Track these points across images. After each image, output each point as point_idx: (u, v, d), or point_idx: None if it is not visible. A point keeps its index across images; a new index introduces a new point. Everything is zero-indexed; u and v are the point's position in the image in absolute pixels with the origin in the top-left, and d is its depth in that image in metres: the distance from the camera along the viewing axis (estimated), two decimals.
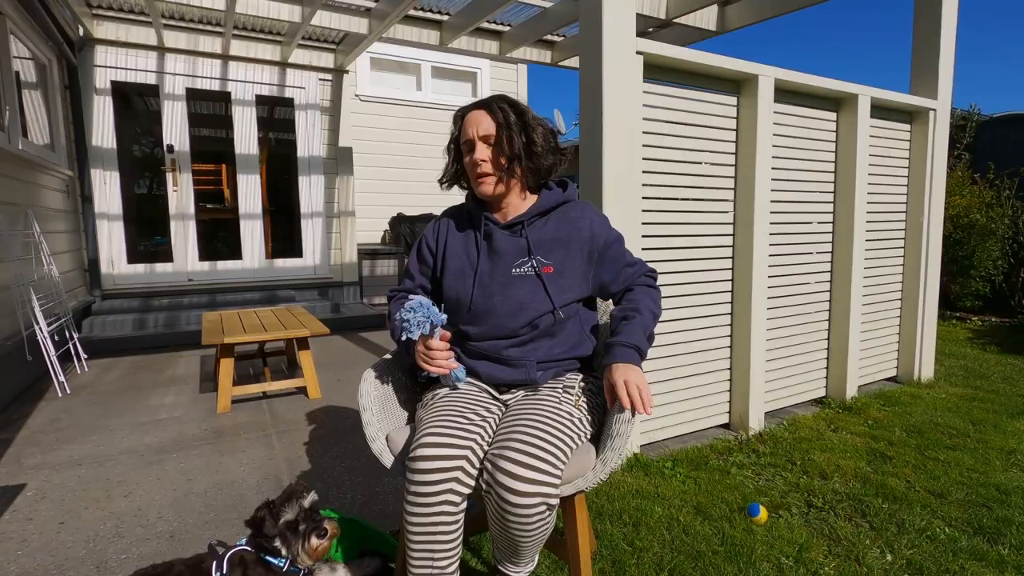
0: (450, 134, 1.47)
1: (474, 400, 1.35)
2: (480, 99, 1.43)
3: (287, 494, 1.36)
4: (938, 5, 3.23)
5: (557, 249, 1.38)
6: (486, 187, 1.39)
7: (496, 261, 1.39)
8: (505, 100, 1.40)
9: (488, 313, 1.37)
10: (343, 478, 2.16)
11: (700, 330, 2.61)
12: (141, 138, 7.48)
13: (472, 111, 1.40)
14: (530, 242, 1.38)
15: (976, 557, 1.67)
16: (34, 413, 2.92)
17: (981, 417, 2.84)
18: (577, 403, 1.32)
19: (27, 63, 3.99)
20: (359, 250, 6.25)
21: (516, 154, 1.36)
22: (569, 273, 1.38)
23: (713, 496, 2.01)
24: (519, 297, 1.35)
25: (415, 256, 1.53)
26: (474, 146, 1.38)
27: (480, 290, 1.38)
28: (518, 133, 1.36)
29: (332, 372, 3.70)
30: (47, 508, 1.94)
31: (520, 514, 1.11)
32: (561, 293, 1.36)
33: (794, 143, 2.86)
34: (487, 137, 1.36)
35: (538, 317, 1.35)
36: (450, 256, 1.45)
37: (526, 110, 1.40)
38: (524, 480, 1.10)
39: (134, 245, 5.47)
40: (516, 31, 5.31)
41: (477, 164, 1.37)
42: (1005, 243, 5.60)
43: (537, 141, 1.38)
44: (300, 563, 1.33)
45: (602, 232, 1.42)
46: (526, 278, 1.36)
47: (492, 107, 1.38)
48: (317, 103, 5.77)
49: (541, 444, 1.15)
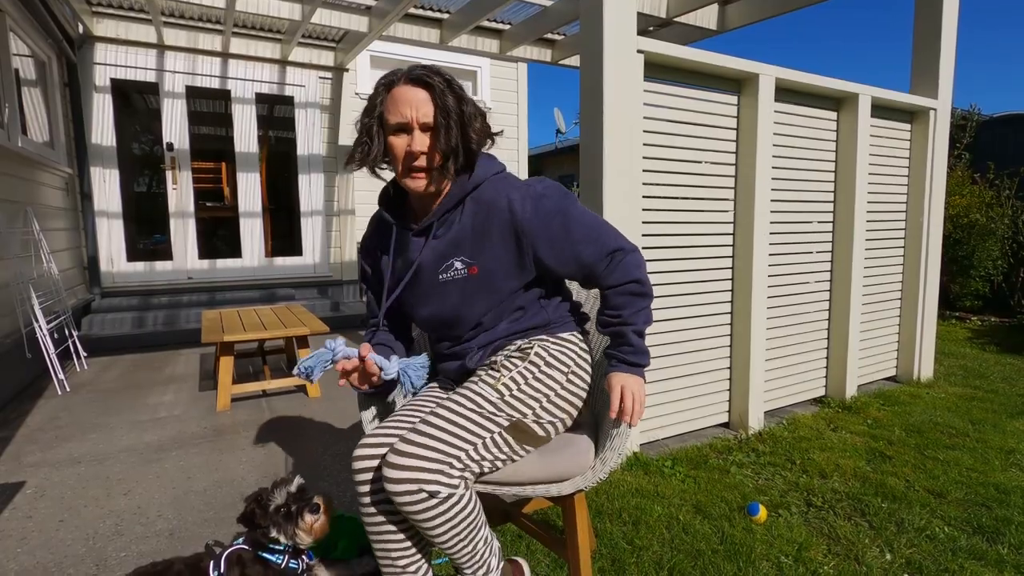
0: (370, 105, 1.20)
1: (430, 398, 1.33)
2: (411, 69, 1.17)
3: (273, 484, 1.36)
4: (939, 5, 3.22)
5: (479, 242, 1.21)
6: (418, 184, 1.19)
7: (419, 271, 1.26)
8: (441, 76, 1.17)
9: (428, 322, 1.32)
10: (342, 477, 2.16)
11: (700, 329, 2.61)
12: (141, 136, 7.46)
13: (405, 85, 1.16)
14: (446, 243, 1.23)
15: (975, 556, 1.67)
16: (33, 411, 2.92)
17: (980, 417, 2.84)
18: (500, 381, 1.19)
19: (27, 60, 3.98)
20: (359, 248, 6.24)
21: (454, 148, 1.15)
22: (499, 269, 1.21)
23: (713, 495, 2.01)
24: (452, 304, 1.25)
25: (361, 274, 1.44)
26: (411, 131, 1.16)
27: (413, 303, 1.31)
28: (456, 123, 1.15)
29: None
30: (47, 506, 1.94)
31: (400, 502, 1.07)
32: (493, 293, 1.23)
33: (794, 142, 2.86)
34: (425, 124, 1.15)
35: (480, 318, 1.26)
36: (375, 275, 1.37)
37: (463, 93, 1.18)
38: (394, 467, 1.07)
39: (134, 243, 5.46)
40: (516, 30, 5.30)
41: (414, 155, 1.16)
42: (1005, 243, 5.60)
43: (473, 136, 1.18)
44: (301, 543, 1.33)
45: (524, 207, 1.18)
46: (455, 282, 1.23)
47: (432, 84, 1.15)
48: (317, 101, 5.76)
49: (423, 429, 1.12)
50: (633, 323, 1.23)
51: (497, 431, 1.16)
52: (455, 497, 1.09)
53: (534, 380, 1.21)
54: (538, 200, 1.19)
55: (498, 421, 1.17)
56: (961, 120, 6.53)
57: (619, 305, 1.23)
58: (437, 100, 1.14)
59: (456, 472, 1.10)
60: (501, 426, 1.17)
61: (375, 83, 1.22)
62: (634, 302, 1.23)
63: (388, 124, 1.18)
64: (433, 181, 1.19)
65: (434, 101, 1.15)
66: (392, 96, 1.17)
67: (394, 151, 1.18)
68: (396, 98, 1.16)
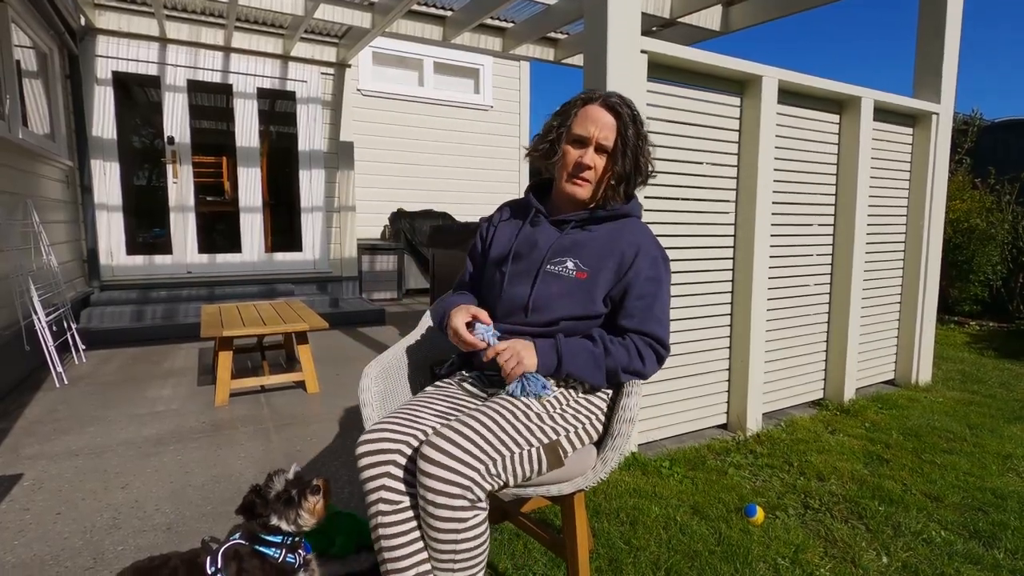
0: (561, 112, 1.37)
1: (447, 395, 1.34)
2: (607, 95, 1.33)
3: (269, 474, 1.36)
4: (942, 9, 3.22)
5: (599, 258, 1.32)
6: (580, 191, 1.34)
7: (534, 251, 1.36)
8: (630, 108, 1.33)
9: (512, 300, 1.35)
10: (340, 473, 2.16)
11: (700, 330, 2.61)
12: (141, 129, 7.44)
13: (596, 105, 1.32)
14: (571, 242, 1.34)
15: (971, 561, 1.68)
16: (32, 403, 2.92)
17: (978, 421, 2.85)
18: (543, 399, 1.25)
19: (28, 52, 3.97)
20: (359, 245, 6.24)
21: (626, 174, 1.31)
22: (600, 288, 1.31)
23: (710, 496, 2.02)
24: (547, 294, 1.31)
25: (472, 244, 1.54)
26: (587, 146, 1.32)
27: (509, 277, 1.37)
28: (632, 155, 1.31)
29: (330, 367, 3.70)
30: (44, 498, 1.94)
31: (435, 502, 1.06)
32: (588, 304, 1.30)
33: (797, 145, 2.86)
34: (604, 146, 1.31)
35: (560, 320, 1.31)
36: (495, 245, 1.45)
37: (644, 131, 1.34)
38: (433, 454, 1.07)
39: (133, 236, 5.45)
40: (519, 28, 5.30)
41: (581, 167, 1.31)
42: (1004, 248, 5.61)
43: (642, 168, 1.34)
44: (305, 524, 1.33)
45: (644, 260, 1.31)
46: (559, 278, 1.32)
47: (621, 115, 1.31)
48: (319, 97, 5.75)
49: (469, 434, 1.11)
50: (616, 360, 1.26)
51: (537, 446, 1.18)
52: (482, 503, 1.10)
53: (575, 403, 1.28)
54: (654, 262, 1.33)
55: (539, 436, 1.20)
56: (963, 125, 6.54)
57: (612, 343, 1.28)
58: (621, 129, 1.30)
59: (490, 478, 1.11)
60: (541, 442, 1.19)
61: (575, 95, 1.38)
62: (617, 356, 1.26)
63: (571, 133, 1.33)
64: (593, 194, 1.35)
65: (618, 130, 1.30)
66: (585, 111, 1.33)
67: (566, 157, 1.34)
68: (587, 114, 1.32)
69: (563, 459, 1.23)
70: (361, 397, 1.41)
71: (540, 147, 1.40)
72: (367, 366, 1.48)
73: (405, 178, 7.19)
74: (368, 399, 1.41)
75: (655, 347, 1.30)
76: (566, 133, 1.35)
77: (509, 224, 1.47)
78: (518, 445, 1.15)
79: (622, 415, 1.28)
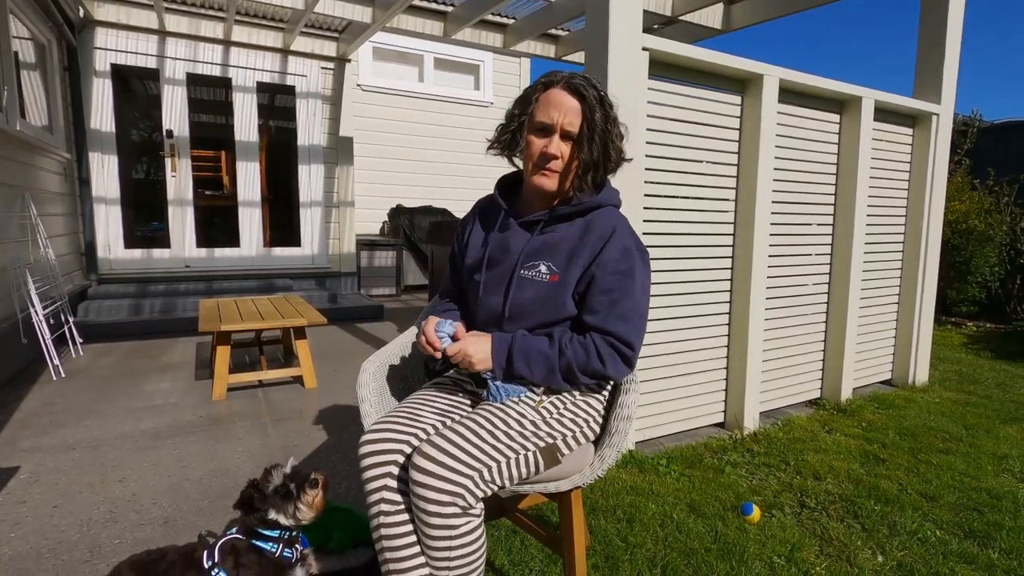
0: (522, 99, 1.26)
1: (446, 393, 1.33)
2: (569, 76, 1.21)
3: (266, 469, 1.36)
4: (944, 11, 3.22)
5: (571, 257, 1.24)
6: (546, 182, 1.23)
7: (506, 258, 1.29)
8: (596, 90, 1.21)
9: (487, 308, 1.32)
10: (338, 468, 2.16)
11: (697, 328, 2.62)
12: (140, 122, 7.41)
13: (558, 88, 1.20)
14: (542, 243, 1.26)
15: (966, 560, 1.69)
16: (28, 396, 2.91)
17: (974, 422, 2.86)
18: (540, 404, 1.22)
19: (26, 43, 3.95)
20: (357, 241, 6.23)
21: (592, 163, 1.20)
22: (571, 285, 1.24)
23: (707, 494, 2.02)
24: (521, 300, 1.25)
25: (451, 248, 1.50)
26: (551, 134, 1.21)
27: (484, 284, 1.32)
28: (600, 140, 1.19)
29: (328, 362, 3.70)
30: (41, 491, 1.94)
31: (427, 510, 1.06)
32: (558, 307, 1.24)
33: (797, 144, 2.86)
34: (569, 132, 1.20)
35: (536, 326, 1.26)
36: (469, 251, 1.40)
37: (613, 113, 1.23)
38: (424, 463, 1.06)
39: (131, 230, 5.43)
40: (520, 24, 5.28)
41: (547, 157, 1.21)
42: (1002, 250, 5.62)
43: (613, 155, 1.23)
44: (304, 518, 1.33)
45: (614, 248, 1.21)
46: (532, 283, 1.25)
47: (586, 97, 1.19)
48: (318, 92, 5.73)
49: (460, 442, 1.10)
50: (569, 362, 1.18)
51: (533, 450, 1.17)
52: (475, 510, 1.09)
53: (573, 407, 1.25)
54: (626, 253, 1.21)
55: (535, 441, 1.18)
56: (962, 126, 6.54)
57: (570, 343, 1.20)
58: (587, 112, 1.19)
59: (483, 484, 1.10)
60: (537, 446, 1.18)
61: (536, 80, 1.26)
62: (573, 357, 1.18)
63: (534, 120, 1.22)
64: (560, 184, 1.24)
65: (584, 113, 1.19)
66: (547, 96, 1.21)
67: (531, 147, 1.23)
68: (549, 100, 1.21)
69: (560, 459, 1.23)
70: (359, 393, 1.41)
71: (502, 138, 1.29)
72: (365, 362, 1.48)
73: (404, 174, 7.18)
74: (366, 395, 1.40)
75: (618, 347, 1.19)
76: (528, 121, 1.24)
77: (481, 227, 1.40)
78: (513, 451, 1.15)
79: (620, 412, 1.28)
